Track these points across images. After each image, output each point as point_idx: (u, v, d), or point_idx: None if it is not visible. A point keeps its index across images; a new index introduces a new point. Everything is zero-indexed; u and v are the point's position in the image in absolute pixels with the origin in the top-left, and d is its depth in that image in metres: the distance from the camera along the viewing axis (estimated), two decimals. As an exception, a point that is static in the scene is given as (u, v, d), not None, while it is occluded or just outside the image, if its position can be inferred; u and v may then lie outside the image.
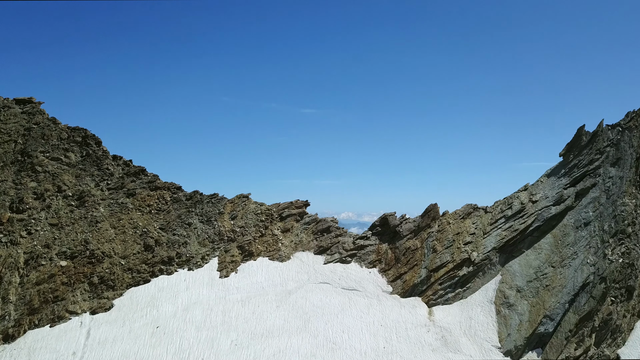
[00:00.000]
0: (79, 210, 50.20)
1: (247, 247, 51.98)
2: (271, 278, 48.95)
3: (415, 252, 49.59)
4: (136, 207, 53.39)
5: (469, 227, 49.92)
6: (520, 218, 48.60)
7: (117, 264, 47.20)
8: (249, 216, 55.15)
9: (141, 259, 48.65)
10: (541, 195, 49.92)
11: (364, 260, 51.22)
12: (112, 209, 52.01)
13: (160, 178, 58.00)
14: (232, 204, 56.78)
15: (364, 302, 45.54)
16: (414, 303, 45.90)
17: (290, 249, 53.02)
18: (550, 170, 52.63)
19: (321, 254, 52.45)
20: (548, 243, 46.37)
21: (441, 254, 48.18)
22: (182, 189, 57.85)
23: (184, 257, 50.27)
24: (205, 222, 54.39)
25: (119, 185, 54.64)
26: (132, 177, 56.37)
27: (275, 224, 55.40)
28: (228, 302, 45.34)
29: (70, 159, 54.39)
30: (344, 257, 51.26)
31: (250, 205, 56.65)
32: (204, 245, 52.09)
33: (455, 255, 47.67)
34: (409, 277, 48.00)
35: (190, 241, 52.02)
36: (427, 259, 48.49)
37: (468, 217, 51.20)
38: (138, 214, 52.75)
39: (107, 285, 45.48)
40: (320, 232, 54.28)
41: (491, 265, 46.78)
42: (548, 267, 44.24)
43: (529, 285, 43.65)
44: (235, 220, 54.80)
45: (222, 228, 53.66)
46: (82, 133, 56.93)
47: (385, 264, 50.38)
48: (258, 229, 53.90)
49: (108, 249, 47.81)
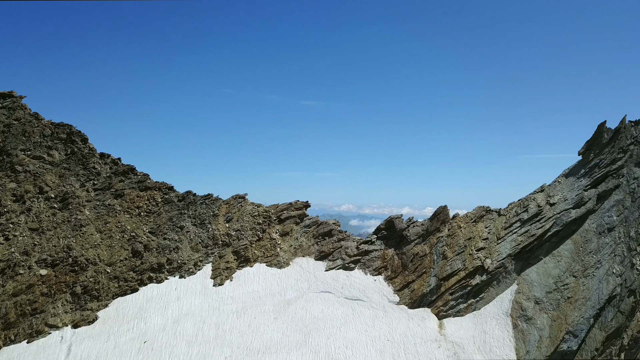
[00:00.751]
0: (62, 213, 46.65)
1: (243, 252, 48.49)
2: (269, 286, 45.50)
3: (424, 258, 46.07)
4: (124, 209, 49.86)
5: (481, 232, 46.36)
6: (537, 222, 45.00)
7: (103, 272, 43.73)
8: (246, 218, 51.63)
9: (129, 266, 45.18)
10: (559, 197, 46.29)
11: (369, 267, 47.74)
12: (98, 212, 48.48)
13: (153, 176, 54.45)
14: (228, 205, 53.22)
15: (368, 314, 42.13)
16: (423, 315, 42.47)
17: (289, 254, 49.53)
18: (568, 170, 48.95)
19: (322, 259, 48.95)
20: (568, 250, 42.82)
21: (452, 260, 44.66)
22: (174, 189, 54.27)
23: (175, 263, 46.80)
24: (199, 225, 50.86)
25: (106, 186, 51.07)
26: (120, 177, 52.79)
27: (274, 226, 51.86)
28: (222, 314, 41.93)
29: (53, 157, 50.76)
30: (347, 263, 47.77)
31: (247, 206, 53.10)
32: (196, 251, 48.60)
33: (467, 263, 44.16)
34: (417, 285, 44.53)
35: (182, 246, 48.54)
36: (436, 266, 44.99)
37: (480, 221, 47.62)
38: (126, 217, 49.23)
39: (91, 296, 42.03)
40: (321, 235, 50.75)
41: (506, 273, 43.27)
42: (569, 276, 40.74)
43: (549, 297, 40.17)
44: (231, 223, 51.27)
45: (216, 231, 50.15)
46: (67, 129, 53.25)
47: (391, 271, 46.90)
48: (255, 233, 50.39)
49: (93, 256, 44.33)
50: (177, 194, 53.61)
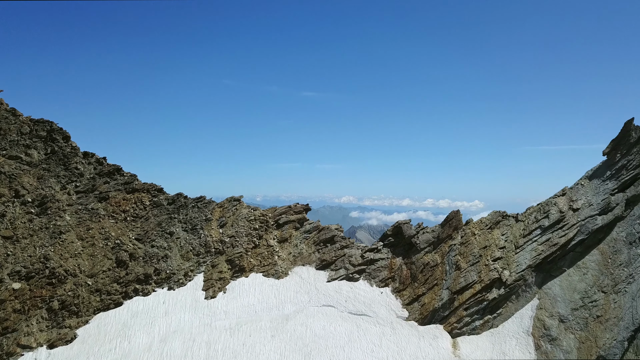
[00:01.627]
0: (39, 219, 42.69)
1: (237, 261, 44.61)
2: (265, 299, 41.67)
3: (435, 269, 42.18)
4: (109, 214, 45.89)
5: (497, 240, 42.42)
6: (559, 229, 41.05)
7: (83, 284, 39.86)
8: (241, 223, 47.67)
9: (112, 278, 41.31)
10: (583, 201, 42.30)
11: (375, 278, 43.88)
12: (80, 217, 44.50)
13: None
14: (221, 209, 49.25)
15: (375, 331, 38.32)
16: (435, 332, 38.66)
17: (288, 262, 45.64)
18: (592, 172, 44.90)
19: (324, 269, 45.08)
20: (595, 261, 38.94)
21: (466, 272, 40.79)
22: (164, 191, 50.27)
23: (164, 273, 42.93)
24: (190, 230, 46.92)
25: (90, 188, 47.07)
26: (105, 178, 48.77)
27: (271, 232, 47.93)
28: (214, 331, 38.12)
29: (31, 157, 46.70)
30: (351, 273, 43.90)
31: (242, 210, 49.13)
32: (187, 259, 44.71)
33: (483, 274, 40.28)
34: (428, 299, 40.69)
35: (171, 254, 44.63)
36: (449, 278, 41.12)
37: (496, 227, 43.66)
38: (111, 222, 45.28)
39: (70, 312, 38.20)
40: (322, 242, 46.83)
41: (526, 286, 39.42)
42: (597, 292, 36.90)
43: (575, 315, 36.36)
44: (225, 229, 47.33)
45: (208, 238, 46.22)
46: (48, 126, 49.13)
47: (399, 282, 43.04)
48: (251, 239, 46.47)
49: (72, 266, 40.43)
50: (166, 196, 49.64)
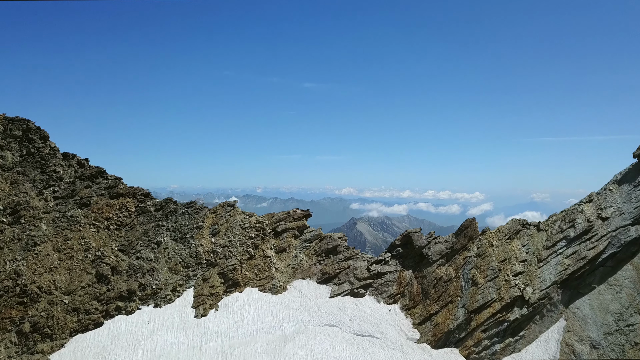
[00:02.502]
0: (11, 228, 38.68)
1: (231, 274, 40.60)
2: (261, 318, 37.70)
3: (449, 284, 38.16)
4: (90, 222, 41.85)
5: (518, 252, 38.34)
6: (587, 241, 36.96)
7: (59, 302, 35.91)
8: (235, 232, 43.59)
9: (92, 295, 37.35)
10: (613, 209, 38.15)
11: (382, 293, 39.87)
12: (58, 226, 40.47)
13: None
14: (214, 216, 45.16)
15: (383, 355, 34.38)
16: (450, 357, 34.73)
17: (286, 276, 41.63)
18: (620, 175, 40.69)
19: (326, 282, 41.09)
20: (629, 278, 34.90)
21: (484, 288, 36.77)
22: (151, 196, 46.17)
23: (150, 289, 38.95)
24: (179, 240, 42.87)
25: (69, 193, 43.00)
26: (87, 182, 44.67)
27: (268, 241, 43.86)
28: (204, 355, 34.21)
29: (5, 159, 42.58)
30: (356, 288, 39.90)
31: (237, 216, 45.02)
32: (176, 272, 40.72)
33: (503, 291, 36.26)
34: (441, 319, 36.72)
35: (158, 267, 40.62)
36: (465, 295, 37.12)
37: (516, 237, 39.55)
38: (92, 231, 41.23)
39: (43, 335, 34.27)
40: (325, 252, 42.78)
41: (551, 305, 35.43)
42: (634, 314, 32.91)
43: (609, 340, 32.40)
44: (217, 237, 43.26)
45: (199, 248, 42.18)
46: (23, 125, 44.98)
47: (409, 298, 39.04)
48: (246, 249, 42.42)
49: (47, 283, 36.46)
50: (154, 201, 45.54)
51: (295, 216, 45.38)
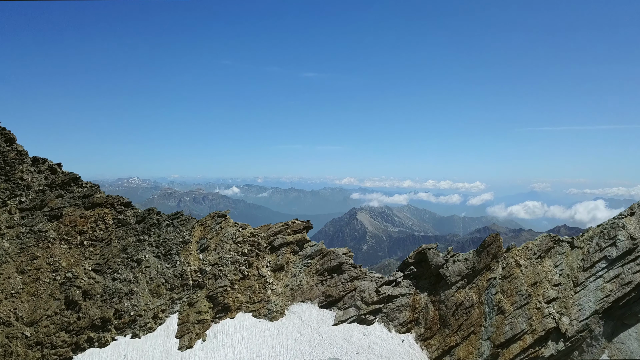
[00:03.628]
0: (-33, 248, 33.62)
1: (221, 297, 35.63)
2: (255, 350, 32.78)
3: (471, 310, 33.21)
4: (61, 237, 36.78)
5: (550, 273, 33.32)
6: (632, 262, 31.95)
7: (19, 336, 30.97)
8: (226, 247, 38.54)
9: (59, 325, 32.40)
10: (661, 224, 33.05)
11: (394, 320, 34.93)
12: (24, 242, 35.42)
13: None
14: (203, 228, 40.07)
15: (396, 398, 29.55)
16: (474, 400, 29.91)
17: (284, 299, 36.66)
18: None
19: (329, 307, 36.13)
20: (684, 308, 30.01)
21: (512, 317, 31.84)
22: (132, 206, 41.04)
23: (127, 316, 34.00)
24: (163, 257, 37.83)
25: (38, 204, 37.88)
26: (58, 190, 39.52)
27: (264, 257, 38.82)
28: (188, 397, 29.40)
29: (-37, 166, 37.37)
30: (364, 314, 34.96)
31: (228, 229, 39.92)
32: (158, 295, 35.74)
33: (535, 321, 31.33)
34: (463, 353, 31.82)
35: (138, 289, 35.63)
36: (489, 325, 32.21)
37: (547, 256, 34.49)
38: (63, 248, 36.19)
39: (-1, 375, 29.45)
40: (327, 271, 37.77)
41: (592, 339, 30.55)
42: (694, 353, 28.09)
43: (664, 385, 27.64)
44: (206, 254, 38.23)
45: (185, 266, 37.16)
46: (-15, 126, 39.69)
47: (425, 327, 34.10)
48: (238, 268, 37.40)
49: (6, 311, 31.50)
50: (135, 212, 40.41)
51: (294, 228, 40.30)
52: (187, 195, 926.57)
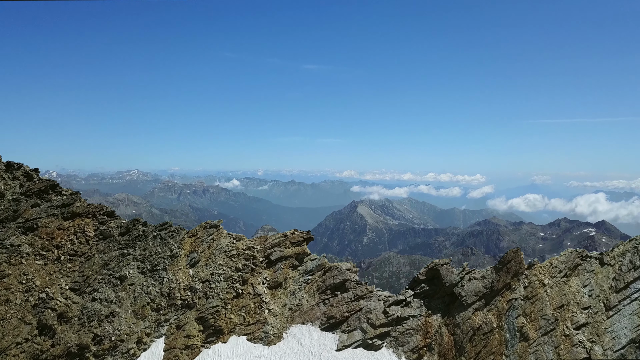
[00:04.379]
0: None
1: (212, 319, 32.22)
2: (250, 380, 29.47)
3: (490, 336, 29.82)
4: (36, 251, 33.31)
5: (578, 294, 29.90)
6: (671, 283, 28.59)
7: (-16, 368, 27.64)
8: (219, 261, 35.08)
9: (30, 353, 29.03)
10: (703, 240, 29.60)
11: (403, 345, 31.55)
12: (-7, 258, 31.93)
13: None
14: (193, 240, 36.58)
15: None
16: None
17: (282, 320, 33.26)
18: None
19: (332, 329, 32.74)
20: None
21: (537, 345, 28.47)
22: (115, 215, 37.53)
23: (107, 342, 30.61)
24: (149, 273, 34.39)
25: (11, 214, 34.39)
26: (34, 199, 35.97)
27: (260, 273, 35.38)
28: None
29: None
30: (370, 338, 31.57)
31: (221, 240, 36.43)
32: (142, 317, 32.32)
33: (564, 350, 27.97)
34: (482, 385, 28.51)
35: (120, 310, 32.22)
36: (512, 352, 28.85)
37: (573, 274, 31.05)
38: (37, 265, 32.72)
39: (-40, 414, 26.14)
40: (330, 289, 34.34)
41: (629, 372, 27.27)
42: None
43: None
44: (197, 269, 34.78)
45: (174, 284, 33.73)
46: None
47: (439, 354, 30.73)
48: (232, 285, 33.96)
49: (-29, 340, 28.10)
50: (119, 222, 36.90)
51: (293, 240, 36.81)
52: (188, 188, 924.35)
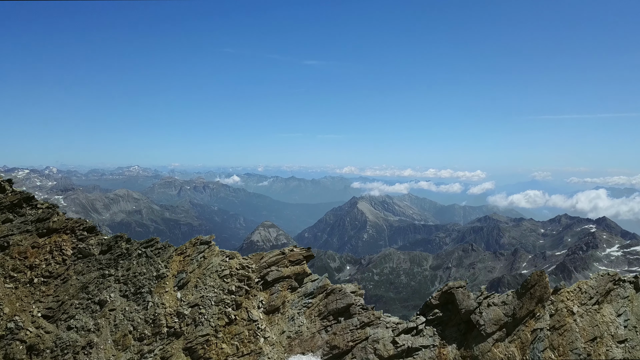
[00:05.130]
0: None
1: (202, 349, 28.92)
2: (243, 421, 26.24)
3: (513, 372, 26.54)
4: (7, 273, 29.98)
5: (613, 325, 26.63)
6: None
7: (-59, 412, 24.37)
8: (210, 282, 31.75)
9: (-5, 393, 25.80)
10: None
11: (415, 381, 28.28)
12: (-43, 282, 28.60)
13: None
14: (182, 258, 33.23)
15: None
16: None
17: (279, 349, 29.96)
18: None
19: (335, 360, 29.45)
20: None
21: (567, 384, 25.26)
22: (97, 231, 34.16)
23: (84, 377, 27.36)
24: (132, 296, 31.07)
25: (-21, 231, 31.00)
26: (6, 213, 32.60)
27: (255, 296, 32.05)
28: None
29: None
30: (378, 372, 28.29)
31: (213, 259, 33.08)
32: (124, 348, 29.01)
33: (598, 391, 24.78)
34: None
35: (99, 340, 28.91)
36: (538, 392, 25.63)
37: (606, 301, 27.77)
38: (8, 289, 29.41)
39: None
40: (333, 314, 31.03)
41: (673, 417, 24.09)
42: None
43: None
44: (185, 292, 31.45)
45: (160, 308, 30.40)
46: None
47: (455, 391, 27.47)
48: (223, 309, 30.63)
49: None
50: (100, 239, 33.55)
51: (291, 258, 33.47)
52: (188, 184, 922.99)
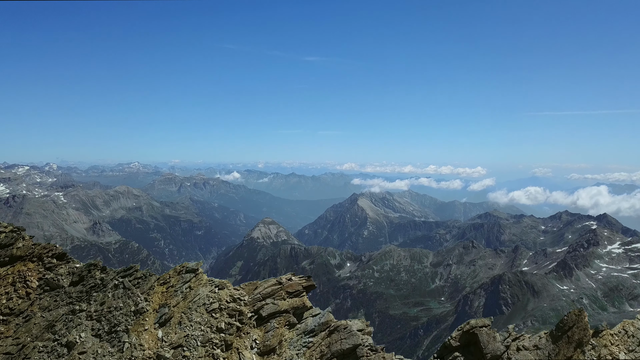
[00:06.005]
0: None
1: (185, 401, 24.93)
2: None
3: None
4: (-40, 310, 25.88)
5: (666, 377, 22.63)
6: None
7: None
8: (196, 318, 27.70)
9: None
10: None
11: None
12: None
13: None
14: (165, 289, 29.17)
15: None
16: None
17: (275, 400, 25.96)
18: None
19: (340, 413, 25.44)
20: None
21: None
22: (68, 258, 30.05)
23: None
24: (106, 336, 27.00)
25: None
26: (-37, 239, 28.42)
27: (247, 334, 28.00)
28: None
29: None
30: None
31: (200, 289, 29.02)
32: (94, 400, 25.02)
33: None
34: None
35: (66, 390, 24.91)
36: None
37: (655, 345, 23.73)
38: (-40, 329, 25.30)
39: None
40: (337, 356, 26.97)
41: None
42: None
43: None
44: (167, 330, 27.39)
45: (137, 351, 26.34)
46: None
47: None
48: (211, 352, 26.59)
49: None
50: (71, 267, 29.45)
51: (289, 289, 29.39)
52: (188, 181, 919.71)
